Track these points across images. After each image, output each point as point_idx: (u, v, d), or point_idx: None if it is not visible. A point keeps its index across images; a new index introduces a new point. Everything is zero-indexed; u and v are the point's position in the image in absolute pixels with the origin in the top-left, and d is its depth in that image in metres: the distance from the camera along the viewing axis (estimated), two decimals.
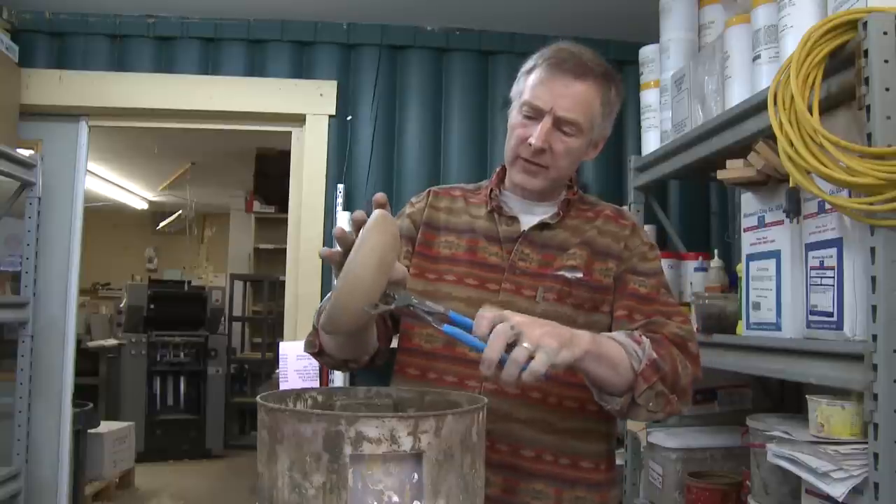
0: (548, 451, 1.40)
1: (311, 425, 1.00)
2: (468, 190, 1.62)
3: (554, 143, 1.42)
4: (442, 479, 1.03)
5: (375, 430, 0.99)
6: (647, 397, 1.27)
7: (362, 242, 1.13)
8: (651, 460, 2.60)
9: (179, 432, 6.76)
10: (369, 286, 1.13)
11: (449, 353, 1.44)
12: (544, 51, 1.46)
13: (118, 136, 5.43)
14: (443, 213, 1.57)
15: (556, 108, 1.40)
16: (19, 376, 3.10)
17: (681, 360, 1.34)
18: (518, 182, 1.50)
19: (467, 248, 1.51)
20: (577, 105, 1.41)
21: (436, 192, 1.62)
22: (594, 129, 1.46)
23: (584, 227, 1.51)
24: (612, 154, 3.59)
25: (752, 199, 2.06)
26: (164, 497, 5.56)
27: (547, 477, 1.40)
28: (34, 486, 3.23)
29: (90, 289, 9.37)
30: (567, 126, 1.42)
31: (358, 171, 3.49)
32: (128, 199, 8.63)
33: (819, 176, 1.55)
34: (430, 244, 1.54)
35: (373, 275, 1.12)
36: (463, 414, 1.06)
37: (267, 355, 7.31)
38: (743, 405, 2.63)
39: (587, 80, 1.42)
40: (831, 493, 1.57)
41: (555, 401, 1.40)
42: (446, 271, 1.50)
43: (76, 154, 3.47)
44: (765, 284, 1.96)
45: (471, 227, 1.53)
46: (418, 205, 1.61)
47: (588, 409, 1.42)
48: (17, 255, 3.24)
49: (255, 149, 6.75)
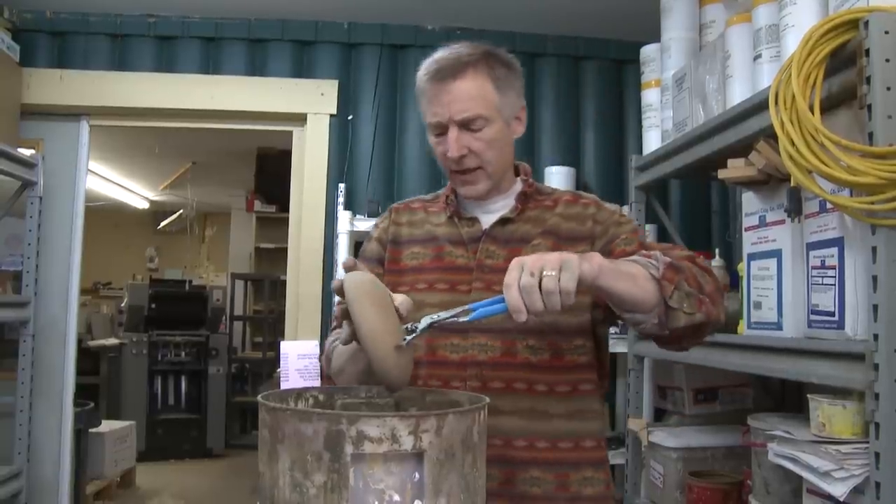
0: (541, 438, 1.41)
1: (312, 424, 1.00)
2: (426, 200, 1.65)
3: (471, 144, 1.43)
4: (443, 479, 1.03)
5: (377, 429, 0.98)
6: (678, 298, 1.26)
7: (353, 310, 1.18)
8: (652, 459, 2.60)
9: (180, 432, 6.76)
10: (386, 338, 1.17)
11: (431, 358, 1.46)
12: (420, 70, 1.48)
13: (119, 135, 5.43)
14: (405, 227, 1.60)
15: (453, 114, 1.42)
16: (20, 375, 3.10)
17: (697, 270, 1.34)
18: (462, 194, 1.53)
19: (434, 255, 1.53)
20: (470, 100, 1.42)
21: (396, 208, 1.66)
22: (501, 110, 1.45)
23: (545, 216, 1.52)
24: (613, 153, 3.60)
25: (753, 198, 2.06)
26: (166, 496, 5.56)
27: (543, 463, 1.41)
28: (35, 486, 3.23)
29: (91, 288, 9.38)
30: (472, 123, 1.42)
31: (359, 171, 3.49)
32: (129, 198, 8.64)
33: (820, 175, 1.55)
34: (398, 259, 1.57)
35: (382, 326, 1.17)
36: (464, 413, 1.06)
37: (268, 354, 7.32)
38: (744, 404, 2.64)
39: (466, 73, 1.42)
40: (832, 492, 1.57)
41: (544, 388, 1.41)
42: (415, 281, 1.51)
43: (77, 153, 3.47)
44: (766, 284, 1.96)
45: (433, 235, 1.55)
46: (381, 225, 1.64)
47: (581, 388, 1.44)
48: (18, 254, 3.24)
49: (255, 148, 6.75)
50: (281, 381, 3.17)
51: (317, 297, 3.40)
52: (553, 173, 3.35)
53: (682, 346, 1.39)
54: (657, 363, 2.80)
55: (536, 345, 1.41)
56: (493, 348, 1.42)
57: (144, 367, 6.75)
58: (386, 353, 1.17)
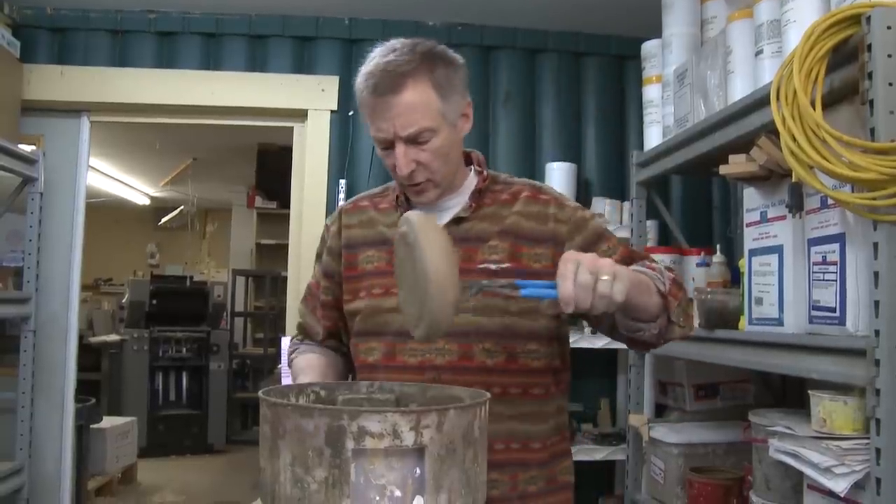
0: (498, 440, 1.40)
1: (313, 420, 1.00)
2: (376, 196, 1.62)
3: (418, 157, 1.40)
4: (444, 474, 1.03)
5: (378, 424, 0.98)
6: (677, 314, 1.32)
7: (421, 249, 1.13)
8: (653, 455, 2.60)
9: (181, 428, 6.77)
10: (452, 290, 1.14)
11: (389, 362, 1.46)
12: (359, 79, 1.43)
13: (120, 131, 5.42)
14: (356, 228, 1.58)
15: (398, 130, 1.37)
16: (22, 372, 3.10)
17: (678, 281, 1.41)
18: (415, 201, 1.50)
19: (388, 258, 1.48)
20: (413, 114, 1.37)
21: (346, 210, 1.63)
22: (446, 115, 1.40)
23: (503, 212, 1.48)
24: (614, 149, 3.59)
25: (754, 194, 2.06)
26: (167, 492, 5.57)
27: (501, 465, 1.40)
28: (37, 481, 3.24)
29: (92, 284, 9.38)
30: (418, 137, 1.38)
31: (360, 167, 3.49)
32: (129, 194, 8.64)
33: (822, 171, 1.55)
34: (354, 264, 1.55)
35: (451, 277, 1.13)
36: (465, 409, 1.06)
37: (269, 351, 7.32)
38: (745, 400, 2.64)
39: (405, 85, 1.37)
40: (833, 488, 1.57)
41: (498, 391, 1.40)
42: (372, 286, 1.50)
43: (78, 149, 3.47)
44: (767, 280, 1.96)
45: (385, 238, 1.52)
46: (332, 229, 1.63)
47: (531, 392, 1.45)
48: (19, 250, 3.24)
49: (256, 144, 6.74)
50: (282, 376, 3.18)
51: None
52: (554, 169, 3.35)
53: (652, 348, 1.45)
54: (658, 359, 2.80)
55: (492, 348, 1.41)
56: (450, 352, 1.41)
57: (145, 363, 6.76)
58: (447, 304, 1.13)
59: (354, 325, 1.53)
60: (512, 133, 3.54)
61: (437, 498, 1.03)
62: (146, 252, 10.17)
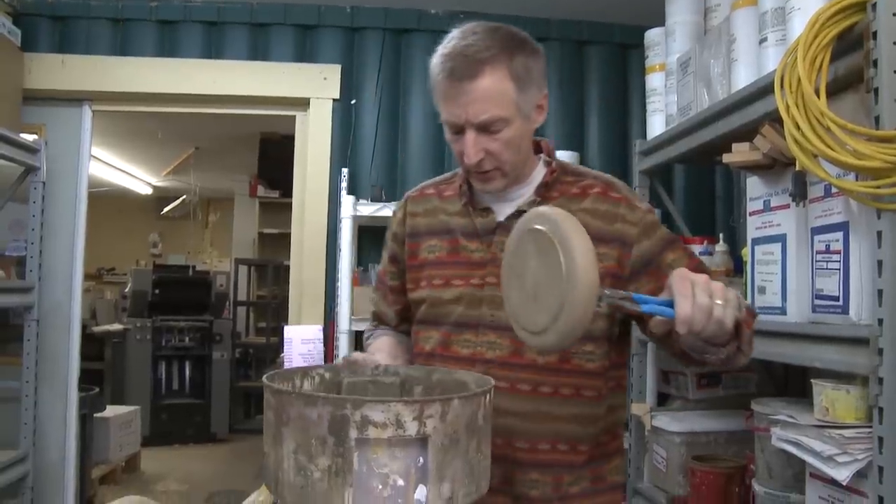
0: (543, 440, 1.39)
1: (316, 409, 1.00)
2: (442, 182, 1.60)
3: (488, 146, 1.37)
4: (447, 464, 1.03)
5: (381, 414, 0.98)
6: (747, 342, 1.26)
7: (572, 244, 1.06)
8: (655, 444, 2.60)
9: (185, 417, 6.79)
10: (594, 290, 1.06)
11: (443, 351, 1.45)
12: (435, 60, 1.39)
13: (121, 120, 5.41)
14: (420, 217, 1.57)
15: (470, 116, 1.34)
16: (25, 360, 3.11)
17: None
18: (478, 188, 1.48)
19: (449, 248, 1.49)
20: (488, 102, 1.34)
21: (412, 197, 1.62)
22: (520, 106, 1.37)
23: (570, 207, 1.42)
24: (616, 138, 3.58)
25: (757, 182, 2.05)
26: (170, 481, 5.58)
27: (543, 466, 1.40)
28: (42, 470, 3.25)
29: (95, 274, 9.40)
30: (490, 126, 1.35)
31: (362, 155, 3.48)
32: (132, 184, 8.63)
33: (825, 159, 1.54)
34: (416, 253, 1.54)
35: (594, 272, 1.06)
36: (469, 398, 1.06)
37: (271, 340, 7.33)
38: (747, 389, 2.64)
39: (483, 72, 1.33)
40: (836, 476, 1.57)
41: (549, 390, 1.39)
42: (433, 276, 1.50)
43: (80, 138, 3.46)
44: (770, 269, 1.95)
45: (448, 227, 1.51)
46: (398, 216, 1.62)
47: (583, 394, 1.41)
48: (22, 240, 3.24)
49: (258, 133, 6.73)
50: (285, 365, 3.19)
51: (320, 282, 3.40)
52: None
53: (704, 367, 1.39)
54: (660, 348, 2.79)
55: None
56: (501, 346, 1.40)
57: (148, 352, 6.78)
58: (588, 314, 1.05)
59: (417, 313, 1.53)
60: None
61: (439, 487, 1.03)
62: (149, 241, 10.19)
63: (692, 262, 1.43)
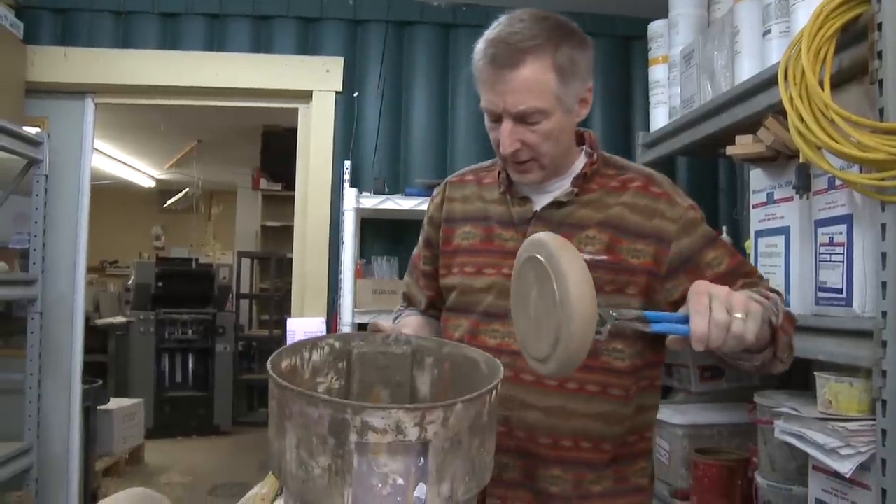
0: (566, 437, 1.37)
1: (317, 409, 0.99)
2: (482, 170, 1.58)
3: (525, 138, 1.34)
4: (448, 465, 1.03)
5: (381, 420, 0.97)
6: (784, 349, 1.25)
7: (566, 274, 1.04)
8: (658, 437, 2.60)
9: (188, 409, 6.81)
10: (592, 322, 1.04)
11: (471, 340, 1.43)
12: (478, 45, 1.35)
13: (124, 113, 5.42)
14: (458, 203, 1.55)
15: (508, 106, 1.31)
16: (29, 353, 3.12)
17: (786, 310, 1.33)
18: (517, 180, 1.45)
19: (483, 236, 1.48)
20: (528, 93, 1.30)
21: (451, 182, 1.60)
22: (562, 99, 1.33)
23: (609, 200, 1.41)
24: (620, 130, 3.57)
25: (761, 175, 2.05)
26: (174, 473, 5.60)
27: (565, 463, 1.38)
28: (46, 462, 3.26)
29: (98, 267, 9.41)
30: (528, 117, 1.32)
31: (365, 148, 3.48)
32: (134, 176, 8.64)
33: (830, 151, 1.54)
34: (450, 239, 1.53)
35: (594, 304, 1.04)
36: (473, 401, 1.04)
37: (274, 332, 7.34)
38: (750, 382, 2.63)
39: (525, 62, 1.29)
40: (839, 469, 1.57)
41: (574, 386, 1.36)
42: (465, 263, 1.48)
43: (82, 131, 3.46)
44: (773, 261, 1.95)
45: (484, 214, 1.49)
46: (436, 200, 1.60)
47: (610, 392, 1.38)
48: (25, 232, 3.25)
49: (261, 126, 6.74)
50: None
51: (323, 275, 3.40)
52: None
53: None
54: None
55: None
56: None
57: (152, 344, 6.79)
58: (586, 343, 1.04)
59: (448, 300, 1.52)
60: None
61: (439, 487, 1.03)
62: (151, 234, 10.19)
63: (733, 261, 1.40)
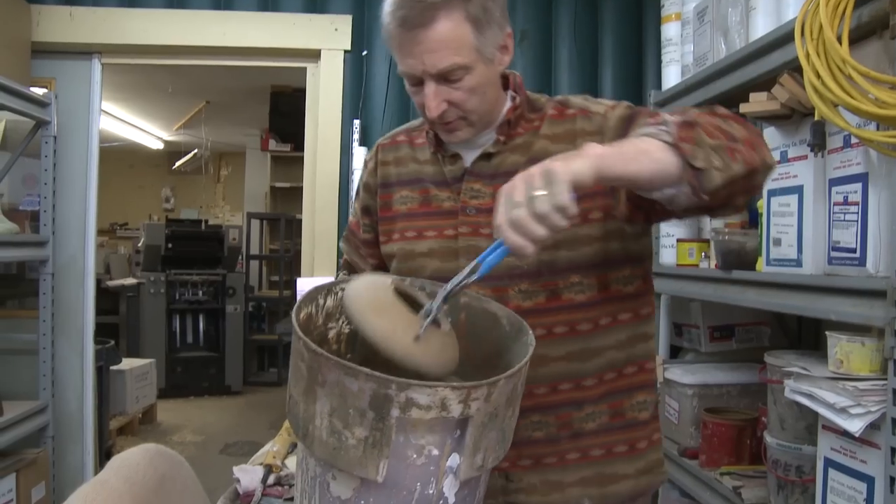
0: (541, 385, 1.33)
1: (357, 382, 0.96)
2: (413, 129, 1.52)
3: (450, 97, 1.28)
4: (484, 436, 1.02)
5: (426, 398, 0.95)
6: (704, 156, 1.08)
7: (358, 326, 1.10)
8: (667, 396, 2.61)
9: (199, 369, 6.88)
10: (400, 337, 1.08)
11: None
12: (386, 8, 1.28)
13: (132, 74, 5.40)
14: (392, 166, 1.50)
15: (428, 67, 1.25)
16: (42, 313, 3.14)
17: (719, 120, 1.17)
18: (446, 140, 1.39)
19: (421, 199, 1.43)
20: (445, 50, 1.24)
21: (382, 144, 1.55)
22: (481, 50, 1.27)
23: (532, 140, 1.36)
24: (632, 89, 3.53)
25: (775, 133, 2.02)
26: (186, 432, 5.68)
27: (543, 408, 1.34)
28: (61, 420, 3.32)
29: (108, 229, 9.44)
30: (451, 74, 1.26)
31: (374, 107, 3.46)
32: (143, 138, 8.62)
33: (846, 108, 1.51)
34: (389, 204, 1.48)
35: (390, 329, 1.08)
36: (513, 375, 1.02)
37: (284, 293, 7.38)
38: (760, 343, 2.64)
39: (437, 18, 1.23)
40: (848, 428, 1.57)
41: (543, 332, 1.29)
42: (405, 228, 1.44)
43: (90, 92, 3.45)
44: (786, 220, 1.93)
45: (419, 176, 1.45)
46: (370, 165, 1.55)
47: (578, 329, 1.34)
48: (35, 194, 3.25)
49: (269, 86, 6.69)
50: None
51: (332, 234, 3.40)
52: None
53: (734, 204, 1.21)
54: (674, 300, 2.79)
55: (529, 288, 1.31)
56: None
57: (163, 306, 6.84)
58: (405, 350, 1.07)
59: (391, 267, 1.48)
60: (528, 73, 3.48)
61: (473, 459, 1.02)
62: (161, 196, 10.21)
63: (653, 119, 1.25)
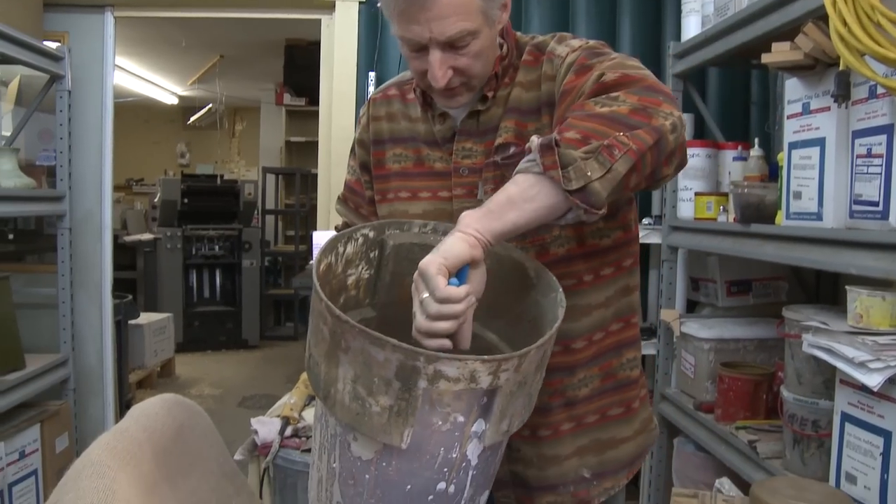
0: (579, 337, 1.31)
1: (384, 352, 0.94)
2: (405, 83, 1.46)
3: (456, 63, 1.22)
4: (511, 404, 1.01)
5: (455, 370, 0.93)
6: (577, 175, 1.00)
7: None
8: (684, 350, 2.61)
9: (216, 324, 6.95)
10: None
11: None
12: None
13: (145, 28, 5.35)
14: (384, 121, 1.45)
15: (436, 34, 1.18)
16: (60, 268, 3.16)
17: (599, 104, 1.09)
18: (444, 106, 1.33)
19: (415, 158, 1.39)
20: (453, 16, 1.17)
21: (375, 99, 1.49)
22: (487, 14, 1.21)
23: (511, 90, 1.32)
24: (650, 40, 3.46)
25: (797, 84, 1.98)
26: (204, 385, 5.75)
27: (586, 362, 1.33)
28: (82, 373, 3.37)
29: (124, 185, 9.48)
30: (459, 41, 1.20)
31: (389, 59, 3.41)
32: (157, 94, 8.59)
33: (874, 57, 1.48)
34: (382, 162, 1.44)
35: None
36: (542, 345, 1.00)
37: (300, 248, 7.41)
38: (777, 298, 2.62)
39: None
40: (867, 382, 1.56)
41: (573, 282, 1.27)
42: (400, 188, 1.40)
43: (103, 46, 3.42)
44: (807, 173, 1.90)
45: (412, 134, 1.40)
46: (363, 121, 1.50)
47: (603, 274, 1.32)
48: (51, 149, 3.25)
49: (284, 39, 6.63)
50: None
51: None
52: None
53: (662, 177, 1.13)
54: (691, 254, 2.78)
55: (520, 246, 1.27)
56: None
57: (179, 261, 6.89)
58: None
59: None
60: (545, 24, 3.42)
61: (500, 425, 1.01)
62: (176, 152, 10.21)
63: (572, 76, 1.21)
